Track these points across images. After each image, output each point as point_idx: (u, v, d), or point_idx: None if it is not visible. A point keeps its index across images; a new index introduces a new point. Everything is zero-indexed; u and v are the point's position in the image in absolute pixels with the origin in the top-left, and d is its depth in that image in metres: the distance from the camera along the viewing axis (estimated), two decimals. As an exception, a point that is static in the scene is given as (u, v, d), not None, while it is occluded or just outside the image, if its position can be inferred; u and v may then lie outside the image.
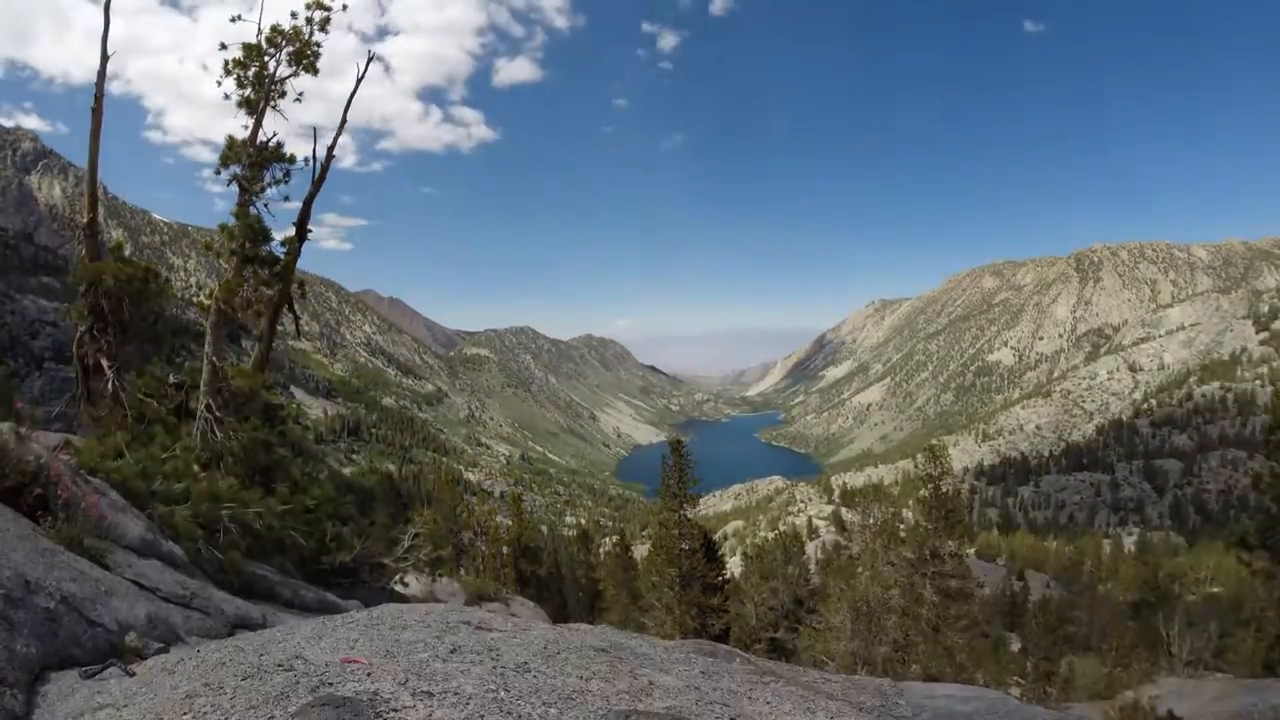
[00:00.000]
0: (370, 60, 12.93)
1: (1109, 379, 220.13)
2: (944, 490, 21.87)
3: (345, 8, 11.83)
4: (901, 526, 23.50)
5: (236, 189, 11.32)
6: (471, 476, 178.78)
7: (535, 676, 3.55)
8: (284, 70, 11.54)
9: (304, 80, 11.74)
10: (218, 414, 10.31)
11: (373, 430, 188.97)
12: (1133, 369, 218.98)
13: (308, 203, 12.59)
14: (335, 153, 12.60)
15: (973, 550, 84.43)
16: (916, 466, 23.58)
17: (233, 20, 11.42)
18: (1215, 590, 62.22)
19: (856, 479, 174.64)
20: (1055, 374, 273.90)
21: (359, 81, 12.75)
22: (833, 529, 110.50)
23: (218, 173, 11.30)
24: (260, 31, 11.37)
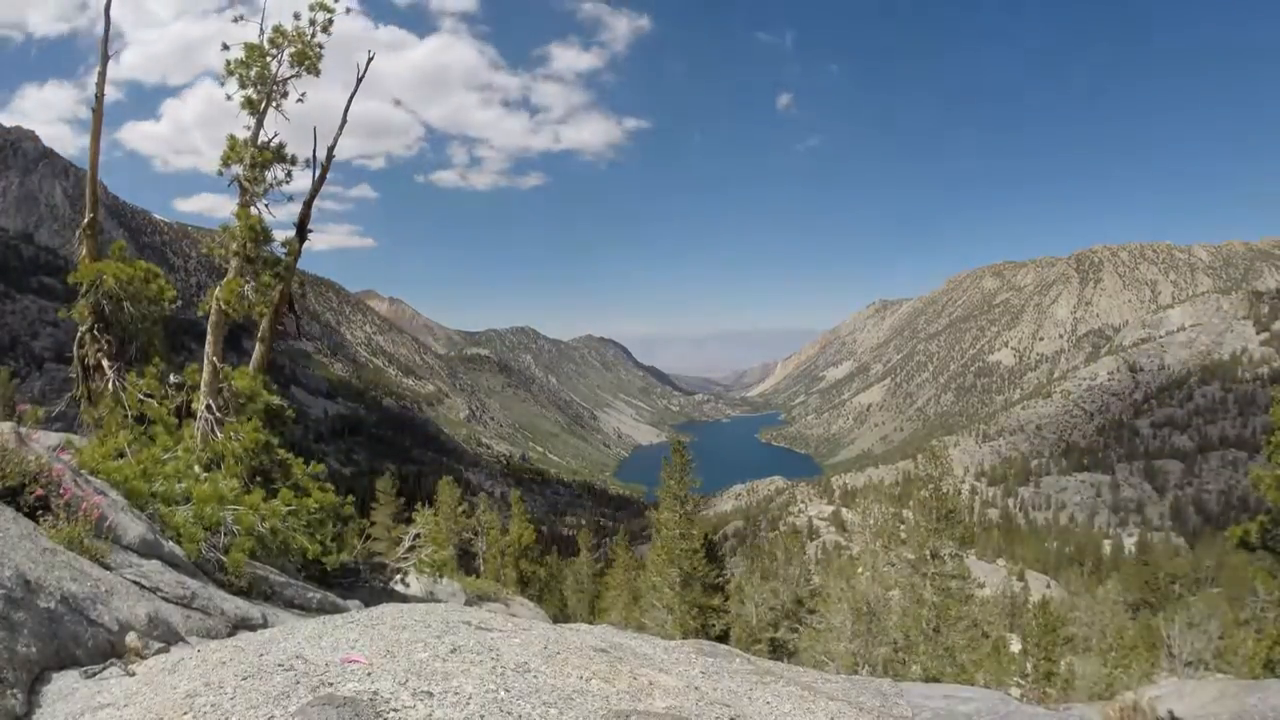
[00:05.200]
0: (370, 60, 12.92)
1: (1109, 380, 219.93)
2: (944, 491, 21.87)
3: (349, 10, 11.83)
4: (902, 527, 23.50)
5: (237, 189, 11.32)
6: (472, 477, 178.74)
7: (535, 676, 3.55)
8: (286, 71, 11.55)
9: (306, 81, 11.74)
10: (219, 415, 10.31)
11: (373, 430, 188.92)
12: (1133, 370, 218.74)
13: (308, 203, 12.58)
14: (335, 153, 12.60)
15: (973, 551, 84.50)
16: (917, 467, 23.58)
17: (235, 20, 11.42)
18: (1215, 590, 62.22)
19: (857, 479, 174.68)
20: (1055, 374, 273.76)
21: (359, 81, 12.74)
22: (833, 529, 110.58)
23: (219, 173, 11.30)
24: (262, 32, 11.37)
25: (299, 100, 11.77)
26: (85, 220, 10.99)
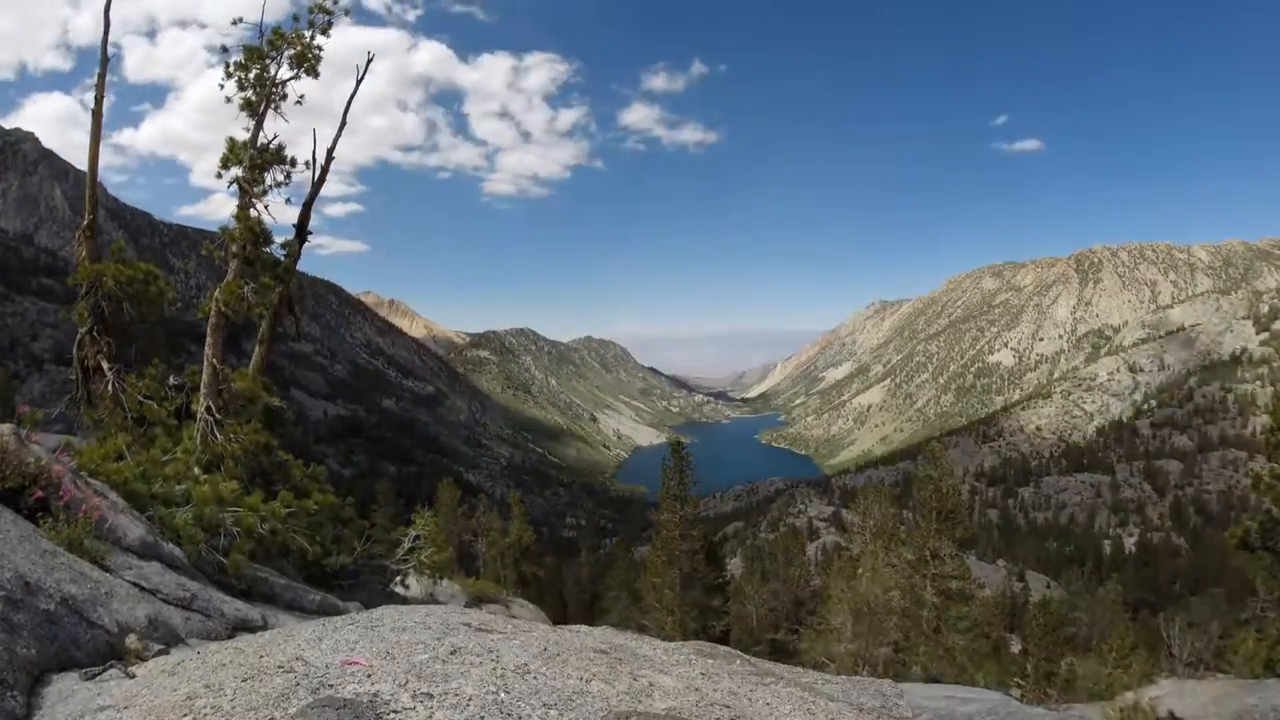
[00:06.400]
0: (370, 61, 12.96)
1: (1109, 380, 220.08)
2: (944, 491, 21.88)
3: (347, 12, 11.85)
4: (902, 528, 23.52)
5: (237, 191, 11.32)
6: (472, 478, 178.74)
7: (535, 678, 3.55)
8: (285, 73, 11.56)
9: (305, 83, 11.76)
10: (218, 416, 10.31)
11: (373, 432, 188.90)
12: (1133, 370, 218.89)
13: (308, 205, 12.60)
14: (335, 154, 12.62)
15: (973, 551, 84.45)
16: (917, 468, 23.60)
17: (234, 23, 11.44)
18: (1215, 591, 62.19)
19: (857, 480, 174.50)
20: (1055, 375, 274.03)
21: (359, 83, 12.78)
22: (833, 530, 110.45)
23: (219, 175, 11.30)
24: (262, 34, 11.39)
25: (298, 102, 11.79)
26: (84, 222, 10.99)
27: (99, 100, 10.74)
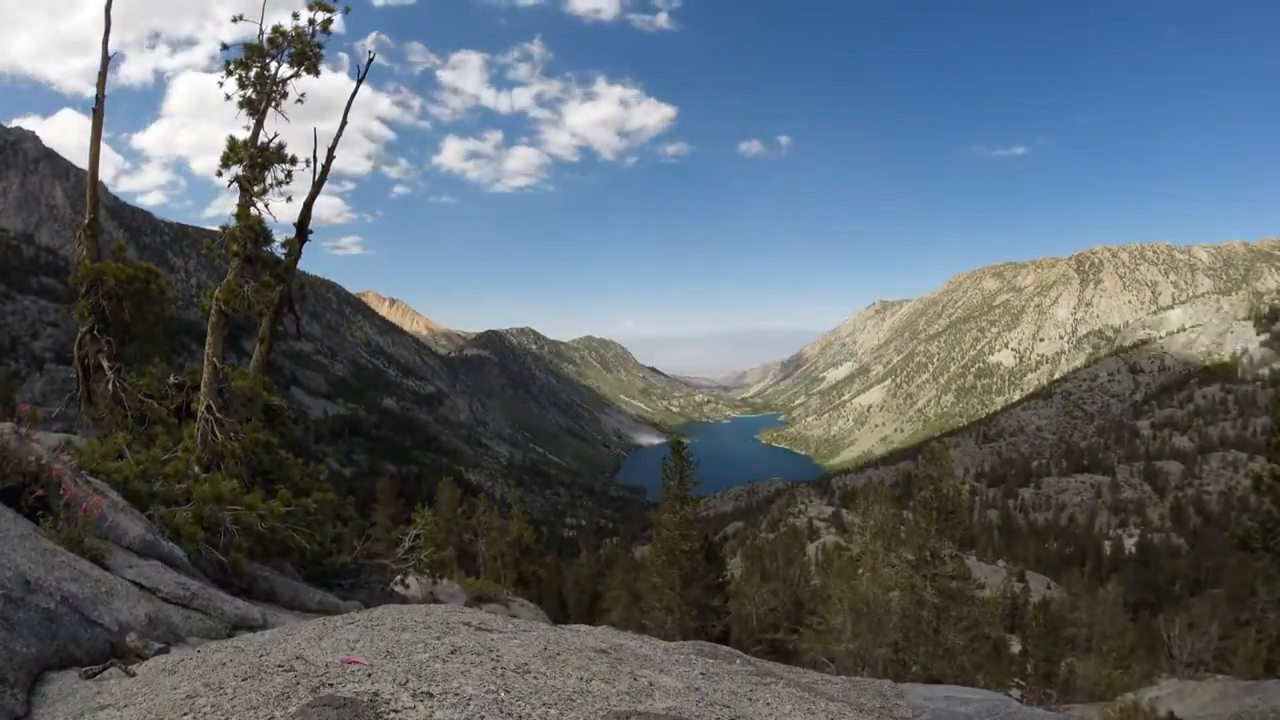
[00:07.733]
0: (370, 61, 12.96)
1: (1109, 380, 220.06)
2: (944, 491, 21.85)
3: (348, 10, 11.84)
4: (902, 528, 23.47)
5: (237, 190, 11.31)
6: (472, 478, 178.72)
7: (535, 677, 3.55)
8: (285, 71, 11.55)
9: (305, 81, 11.75)
10: (219, 415, 10.30)
11: (373, 431, 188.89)
12: (1133, 370, 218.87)
13: (308, 204, 12.60)
14: (335, 154, 12.61)
15: (973, 552, 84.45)
16: (917, 468, 23.57)
17: (234, 20, 11.43)
18: (1215, 591, 62.18)
19: (857, 480, 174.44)
20: (1056, 375, 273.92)
21: (359, 82, 12.78)
22: (833, 530, 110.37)
23: (219, 174, 11.29)
24: (262, 32, 11.38)
25: (299, 101, 11.78)
26: (85, 221, 11.00)
27: (99, 99, 10.75)
